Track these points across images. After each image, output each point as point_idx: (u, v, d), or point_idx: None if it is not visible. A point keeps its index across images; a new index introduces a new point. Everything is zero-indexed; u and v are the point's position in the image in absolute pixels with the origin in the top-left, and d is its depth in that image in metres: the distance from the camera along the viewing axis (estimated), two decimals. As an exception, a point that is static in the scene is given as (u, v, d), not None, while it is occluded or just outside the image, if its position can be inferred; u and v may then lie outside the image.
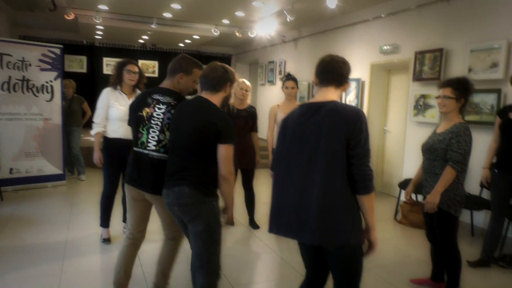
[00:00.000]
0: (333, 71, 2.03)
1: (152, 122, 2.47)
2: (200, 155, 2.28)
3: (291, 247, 4.10)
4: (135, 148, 2.55)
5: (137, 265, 3.48)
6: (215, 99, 2.37)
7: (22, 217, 4.75)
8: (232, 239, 4.27)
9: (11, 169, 5.91)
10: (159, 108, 2.47)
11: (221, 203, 2.37)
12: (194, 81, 2.58)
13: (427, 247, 3.36)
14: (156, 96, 2.51)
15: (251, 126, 4.51)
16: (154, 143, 2.46)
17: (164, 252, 2.74)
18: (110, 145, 3.79)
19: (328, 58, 2.07)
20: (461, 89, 2.87)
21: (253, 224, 4.66)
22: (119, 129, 3.72)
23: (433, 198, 2.83)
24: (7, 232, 4.21)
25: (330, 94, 2.02)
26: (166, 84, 2.59)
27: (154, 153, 2.46)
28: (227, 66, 2.45)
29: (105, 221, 3.99)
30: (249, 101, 4.52)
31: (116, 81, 3.79)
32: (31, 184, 6.08)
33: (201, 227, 2.27)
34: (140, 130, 2.50)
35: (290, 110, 4.17)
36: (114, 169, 3.78)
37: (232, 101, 4.45)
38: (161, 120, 2.45)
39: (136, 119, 2.53)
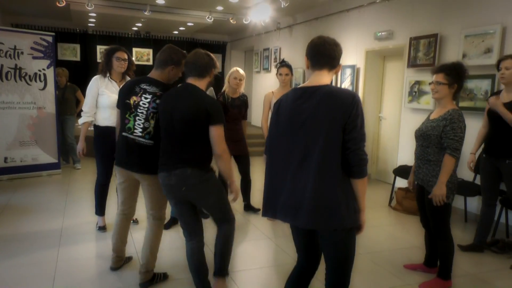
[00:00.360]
0: (326, 54, 1.99)
1: (138, 110, 2.68)
2: (195, 137, 2.48)
3: (286, 234, 4.13)
4: (123, 133, 2.75)
5: (133, 252, 3.51)
6: (202, 84, 2.57)
7: (17, 205, 4.75)
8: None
9: (5, 158, 5.89)
10: (146, 98, 2.68)
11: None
12: (182, 71, 2.77)
13: (422, 233, 3.40)
14: (144, 86, 2.71)
15: (244, 114, 4.55)
16: (140, 130, 2.68)
17: (150, 233, 2.90)
18: (102, 133, 3.73)
19: (319, 40, 2.00)
20: (454, 74, 2.86)
21: (251, 208, 4.78)
22: (111, 117, 3.63)
23: (440, 190, 2.82)
24: (2, 220, 4.21)
25: (324, 78, 1.99)
26: (155, 74, 2.76)
27: (141, 139, 2.68)
28: (209, 53, 2.65)
29: (100, 210, 3.99)
30: (242, 89, 4.53)
31: (105, 68, 3.73)
32: (26, 173, 6.07)
33: (213, 199, 2.62)
34: (127, 116, 2.71)
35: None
36: (107, 158, 3.71)
37: (226, 89, 4.44)
38: (146, 109, 2.66)
39: (123, 105, 2.75)
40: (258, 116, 10.95)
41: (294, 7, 7.63)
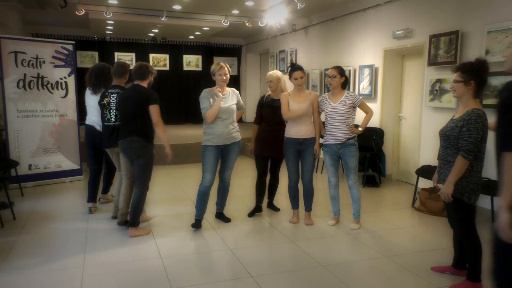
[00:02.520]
0: None
1: (111, 105, 4.25)
2: (140, 116, 3.84)
3: (309, 237, 4.10)
4: (105, 123, 4.31)
5: (157, 257, 3.53)
6: (144, 83, 3.97)
7: (42, 212, 4.84)
8: (248, 228, 4.29)
9: (30, 165, 6.01)
10: (113, 97, 4.25)
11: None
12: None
13: (447, 234, 3.34)
14: (111, 90, 4.30)
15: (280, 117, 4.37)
16: (114, 117, 4.25)
17: (125, 186, 4.19)
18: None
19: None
20: (469, 71, 2.80)
21: (273, 207, 4.95)
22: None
23: (446, 189, 2.81)
24: (29, 227, 4.30)
25: None
26: (116, 82, 4.38)
27: (116, 123, 4.23)
28: (148, 63, 4.08)
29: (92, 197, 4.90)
30: (285, 89, 4.53)
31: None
32: (50, 179, 6.18)
33: (142, 162, 3.91)
34: (105, 112, 4.28)
35: (300, 99, 4.19)
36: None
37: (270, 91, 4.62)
38: (114, 103, 4.22)
39: (101, 106, 4.32)
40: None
41: (310, 8, 7.60)
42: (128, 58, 11.85)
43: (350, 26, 7.43)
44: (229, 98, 4.18)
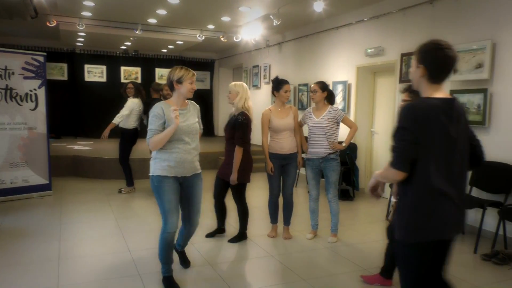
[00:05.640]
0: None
1: None
2: None
3: (289, 251, 4.10)
4: None
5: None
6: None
7: (9, 229, 4.61)
8: (225, 243, 4.25)
9: (-5, 181, 5.74)
10: None
11: None
12: None
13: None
14: None
15: (237, 136, 3.96)
16: None
17: None
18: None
19: (455, 53, 1.95)
20: (416, 92, 2.99)
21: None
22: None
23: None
24: (-4, 245, 4.09)
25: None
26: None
27: None
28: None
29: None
30: (240, 105, 3.99)
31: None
32: (17, 195, 5.91)
33: None
34: None
35: (283, 114, 4.23)
36: None
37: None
38: None
39: None
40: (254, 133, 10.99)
41: (284, 25, 7.74)
42: (98, 70, 11.65)
43: (324, 43, 7.62)
44: (190, 114, 3.16)
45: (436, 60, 1.96)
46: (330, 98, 4.30)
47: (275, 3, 6.51)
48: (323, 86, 4.25)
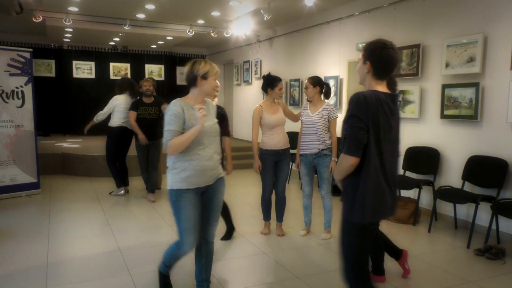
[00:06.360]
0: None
1: None
2: None
3: (283, 248, 4.07)
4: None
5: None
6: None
7: (-3, 230, 4.52)
8: (223, 243, 4.20)
9: (-19, 180, 5.62)
10: None
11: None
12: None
13: (417, 241, 3.40)
14: None
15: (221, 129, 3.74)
16: None
17: None
18: None
19: (398, 53, 2.17)
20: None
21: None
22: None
23: None
24: (-18, 246, 3.99)
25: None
26: None
27: None
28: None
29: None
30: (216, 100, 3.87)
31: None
32: (4, 194, 5.80)
33: None
34: None
35: (274, 110, 4.19)
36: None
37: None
38: None
39: None
40: (240, 128, 10.93)
41: (275, 19, 7.67)
42: (87, 67, 11.48)
43: (315, 38, 7.57)
44: (209, 113, 2.76)
45: (381, 58, 2.14)
46: (326, 93, 4.24)
47: (265, -3, 6.44)
48: (313, 81, 4.19)
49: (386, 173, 2.11)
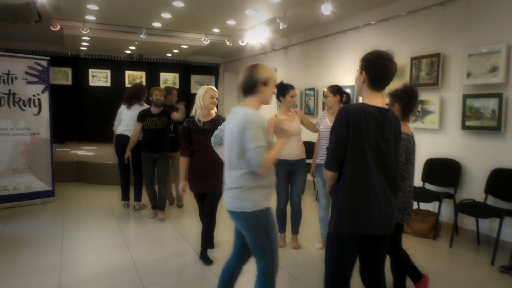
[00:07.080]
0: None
1: None
2: None
3: (298, 261, 3.96)
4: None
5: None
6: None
7: (12, 237, 4.51)
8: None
9: (-3, 187, 5.65)
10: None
11: None
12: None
13: (438, 256, 3.27)
14: None
15: None
16: None
17: None
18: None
19: (394, 64, 2.18)
20: (394, 95, 3.18)
21: (205, 258, 3.89)
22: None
23: None
24: (-4, 254, 3.98)
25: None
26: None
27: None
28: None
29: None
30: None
31: None
32: (19, 201, 5.82)
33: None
34: None
35: (290, 119, 4.11)
36: None
37: (196, 112, 3.76)
38: None
39: None
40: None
41: (290, 28, 7.63)
42: (103, 75, 11.58)
43: (331, 47, 7.49)
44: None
45: (377, 68, 2.14)
46: (346, 102, 4.12)
47: (281, 6, 6.39)
48: (333, 90, 4.11)
49: (374, 186, 2.06)
